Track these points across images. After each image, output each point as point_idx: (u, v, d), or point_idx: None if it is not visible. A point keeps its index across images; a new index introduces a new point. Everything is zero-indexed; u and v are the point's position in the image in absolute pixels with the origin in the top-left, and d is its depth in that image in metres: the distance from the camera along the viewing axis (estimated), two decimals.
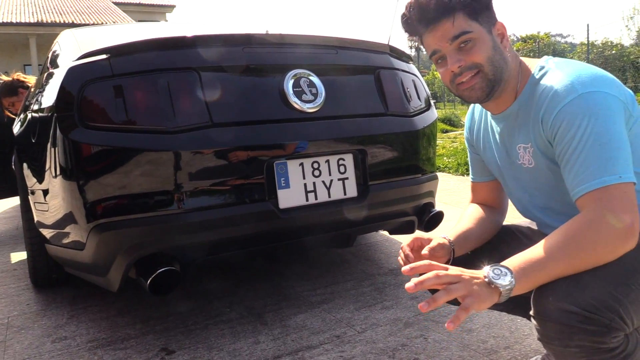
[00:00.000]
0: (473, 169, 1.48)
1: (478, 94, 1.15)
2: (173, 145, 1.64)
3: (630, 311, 0.97)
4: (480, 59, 1.12)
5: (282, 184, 1.80)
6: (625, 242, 0.98)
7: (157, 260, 1.66)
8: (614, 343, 0.97)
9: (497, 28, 1.15)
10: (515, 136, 1.20)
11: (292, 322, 1.94)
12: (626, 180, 0.99)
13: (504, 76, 1.15)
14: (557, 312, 0.97)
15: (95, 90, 1.63)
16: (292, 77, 1.86)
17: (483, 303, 0.94)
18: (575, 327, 0.95)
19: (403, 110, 2.16)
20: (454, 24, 1.11)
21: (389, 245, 2.88)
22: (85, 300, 2.27)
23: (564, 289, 0.97)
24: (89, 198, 1.63)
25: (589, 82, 1.04)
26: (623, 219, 0.97)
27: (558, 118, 1.05)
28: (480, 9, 1.12)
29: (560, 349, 1.00)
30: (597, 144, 1.00)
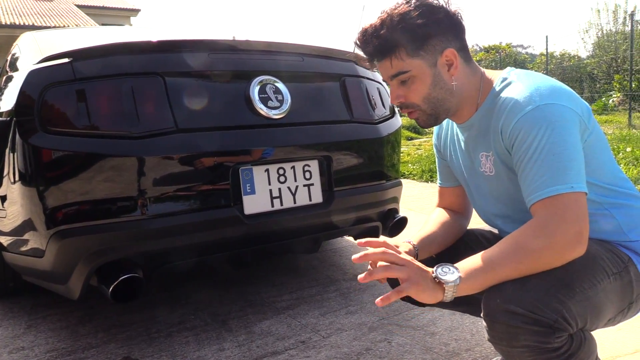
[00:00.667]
0: (440, 174, 1.51)
1: (423, 124, 1.24)
2: (137, 151, 1.62)
3: (574, 312, 1.02)
4: (417, 99, 1.18)
5: (247, 190, 1.81)
6: (573, 250, 1.02)
7: (120, 267, 1.64)
8: (558, 343, 1.01)
9: (446, 55, 1.15)
10: (478, 144, 1.24)
11: (257, 329, 1.94)
12: (578, 190, 1.02)
13: (448, 105, 1.19)
14: (503, 314, 1.01)
15: (56, 94, 1.60)
16: (258, 83, 1.87)
17: (422, 293, 1.02)
18: (521, 327, 0.99)
19: (368, 117, 2.19)
20: (392, 64, 1.15)
21: (354, 251, 2.90)
22: (45, 309, 2.21)
23: (511, 292, 1.02)
24: (49, 204, 1.60)
25: (547, 94, 1.08)
26: (571, 228, 1.01)
27: (516, 128, 1.09)
28: (421, 43, 1.13)
29: (507, 350, 1.04)
30: (551, 153, 1.04)
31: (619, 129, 9.38)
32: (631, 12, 12.31)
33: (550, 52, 17.41)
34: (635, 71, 13.07)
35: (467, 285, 1.03)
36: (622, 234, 1.18)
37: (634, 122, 10.73)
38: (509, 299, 1.01)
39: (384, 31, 1.12)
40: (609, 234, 1.18)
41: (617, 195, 1.18)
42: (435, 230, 1.40)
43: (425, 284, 1.03)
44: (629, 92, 11.78)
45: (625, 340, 1.73)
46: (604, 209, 1.16)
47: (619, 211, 1.17)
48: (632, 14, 11.89)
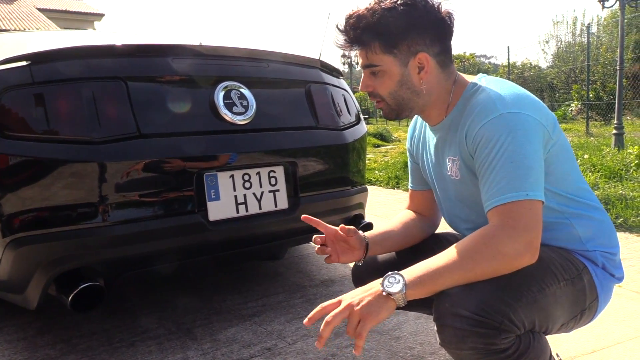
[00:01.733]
0: (412, 177, 1.54)
1: (385, 116, 1.27)
2: (97, 156, 1.59)
3: (521, 314, 1.04)
4: (383, 92, 1.22)
5: (212, 196, 1.79)
6: (521, 259, 1.05)
7: (80, 276, 1.60)
8: (505, 344, 1.03)
9: (418, 59, 1.17)
10: (447, 148, 1.26)
11: (222, 336, 1.92)
12: (533, 197, 1.05)
13: (412, 105, 1.23)
14: (450, 317, 1.03)
15: (14, 97, 1.56)
16: (222, 89, 1.86)
17: (379, 315, 1.03)
18: (467, 330, 1.01)
19: (333, 123, 2.20)
20: (366, 55, 1.19)
21: (320, 257, 2.90)
22: (0, 320, 2.13)
23: (458, 295, 1.04)
24: (5, 211, 1.55)
25: (512, 103, 1.11)
26: (522, 237, 1.03)
27: (479, 134, 1.11)
28: (395, 42, 1.15)
29: (457, 352, 1.06)
30: (509, 161, 1.06)
31: (577, 137, 9.69)
32: (588, 24, 12.77)
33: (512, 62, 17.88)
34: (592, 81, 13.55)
35: (414, 291, 1.04)
36: (580, 243, 1.21)
37: (592, 130, 11.12)
38: (456, 302, 1.03)
39: (363, 24, 1.15)
40: (567, 242, 1.21)
41: (578, 206, 1.21)
42: (394, 228, 1.44)
43: (377, 307, 1.03)
44: (586, 101, 12.19)
45: (583, 341, 1.78)
46: (564, 218, 1.20)
47: (579, 221, 1.21)
48: (589, 26, 12.34)
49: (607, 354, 1.70)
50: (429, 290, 1.06)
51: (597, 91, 13.89)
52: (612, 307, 2.06)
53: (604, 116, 13.16)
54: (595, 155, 5.95)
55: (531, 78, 17.98)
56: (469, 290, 1.04)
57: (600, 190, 4.18)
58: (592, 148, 6.86)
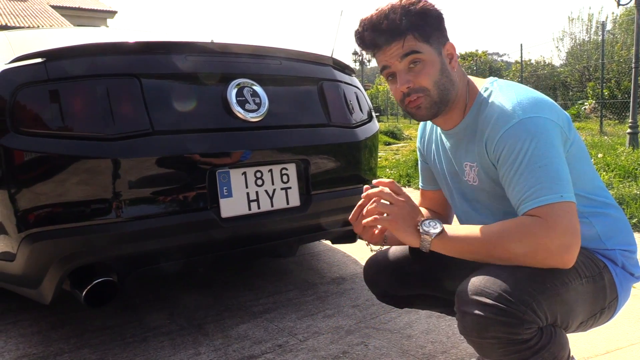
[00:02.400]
0: (422, 177, 1.53)
1: (424, 113, 1.21)
2: (112, 153, 1.60)
3: (544, 307, 1.04)
4: (427, 82, 1.17)
5: (224, 193, 1.80)
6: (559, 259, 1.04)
7: (93, 271, 1.61)
8: (528, 334, 1.03)
9: (447, 49, 1.19)
10: (463, 153, 1.26)
11: (234, 333, 1.93)
12: (567, 199, 1.05)
13: (450, 97, 1.20)
14: (474, 305, 1.03)
15: (29, 94, 1.57)
16: (235, 86, 1.87)
17: (398, 232, 1.14)
18: (491, 318, 1.02)
19: (345, 121, 2.20)
20: (403, 45, 1.15)
21: (331, 255, 2.91)
22: (15, 314, 2.16)
23: (482, 284, 1.05)
24: (21, 207, 1.57)
25: (529, 107, 1.11)
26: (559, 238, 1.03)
27: (501, 142, 1.11)
28: (431, 31, 1.16)
29: (478, 341, 1.06)
30: (537, 166, 1.06)
31: (591, 136, 9.59)
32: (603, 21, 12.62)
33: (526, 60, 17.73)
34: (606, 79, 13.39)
35: (441, 245, 1.12)
36: (600, 241, 1.21)
37: (606, 129, 10.99)
38: (480, 290, 1.04)
39: (400, 11, 1.14)
40: (587, 241, 1.20)
41: (597, 205, 1.21)
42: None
43: (405, 226, 1.13)
44: (600, 99, 12.06)
45: (596, 342, 1.76)
46: (584, 217, 1.19)
47: (598, 220, 1.20)
48: (604, 24, 12.20)
49: (620, 355, 1.68)
50: (454, 249, 1.12)
51: (611, 89, 13.74)
52: (626, 308, 2.03)
53: (619, 115, 13.01)
54: (610, 154, 5.89)
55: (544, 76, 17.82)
56: (493, 279, 1.04)
57: (615, 189, 4.14)
58: (606, 147, 6.79)
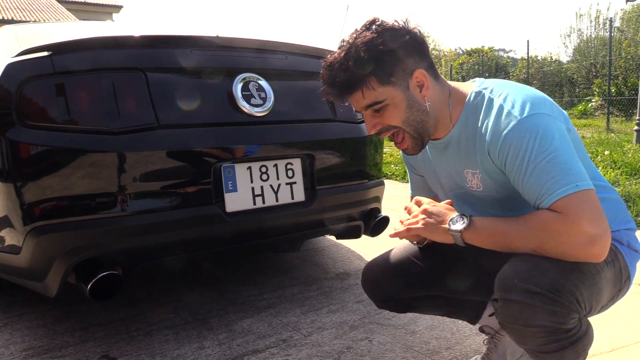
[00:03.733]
0: (412, 185, 1.53)
1: (411, 152, 1.24)
2: (117, 147, 1.60)
3: (585, 296, 1.05)
4: (396, 122, 1.17)
5: (229, 188, 1.80)
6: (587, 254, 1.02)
7: (98, 264, 1.62)
8: (571, 324, 1.04)
9: (416, 77, 1.15)
10: (463, 161, 1.24)
11: (238, 327, 1.93)
12: (583, 187, 1.03)
13: (428, 124, 1.19)
14: (522, 293, 1.02)
15: (35, 88, 1.57)
16: (240, 80, 1.86)
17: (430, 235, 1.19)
18: (539, 307, 1.01)
19: (351, 116, 2.19)
20: (363, 95, 1.13)
21: (335, 250, 2.91)
22: (21, 307, 2.17)
23: (528, 272, 1.03)
24: (26, 200, 1.57)
25: (525, 106, 1.09)
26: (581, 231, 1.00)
27: (504, 146, 1.10)
28: (392, 68, 1.12)
29: (521, 329, 1.05)
30: (545, 161, 1.05)
31: (598, 133, 9.54)
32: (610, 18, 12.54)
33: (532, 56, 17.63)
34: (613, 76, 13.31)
35: (473, 237, 1.12)
36: None
37: (612, 126, 10.94)
38: (527, 278, 1.02)
39: (351, 62, 1.10)
40: None
41: (599, 190, 1.20)
42: None
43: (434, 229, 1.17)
44: (607, 97, 11.99)
45: (602, 339, 1.76)
46: None
47: (603, 205, 1.20)
48: (611, 20, 12.11)
49: (626, 353, 1.67)
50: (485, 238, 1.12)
51: (618, 86, 13.66)
52: (632, 306, 2.03)
53: (626, 112, 12.93)
54: (616, 151, 5.86)
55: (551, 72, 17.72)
56: (538, 267, 1.03)
57: (621, 187, 4.12)
58: (613, 144, 6.75)
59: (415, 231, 1.19)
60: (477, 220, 1.13)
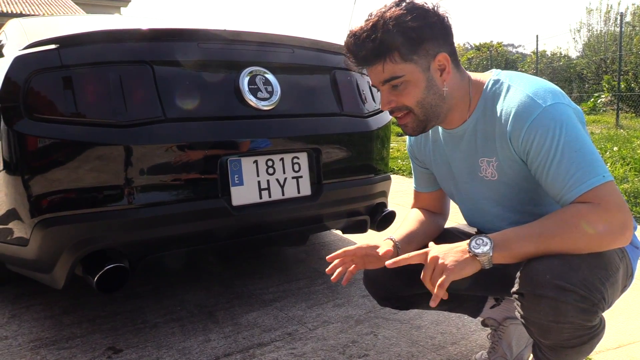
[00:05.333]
0: (417, 179, 1.51)
1: (410, 132, 1.22)
2: (124, 140, 1.61)
3: (609, 293, 1.06)
4: (410, 102, 1.16)
5: (235, 181, 1.80)
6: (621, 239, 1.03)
7: (105, 257, 1.63)
8: (596, 321, 1.04)
9: (438, 60, 1.14)
10: (479, 150, 1.23)
11: (243, 320, 1.94)
12: (609, 179, 1.04)
13: (440, 111, 1.18)
14: (554, 290, 1.01)
15: (42, 80, 1.58)
16: (247, 74, 1.86)
17: (462, 271, 1.06)
18: (571, 304, 1.00)
19: (358, 111, 2.19)
20: (384, 68, 1.13)
21: (341, 245, 2.90)
22: (29, 298, 2.19)
23: (559, 268, 1.02)
24: (34, 192, 1.58)
25: (547, 95, 1.09)
26: (616, 217, 1.02)
27: (529, 134, 1.09)
28: (416, 46, 1.11)
29: (550, 325, 1.03)
30: (572, 150, 1.05)
31: (607, 129, 9.47)
32: (621, 13, 12.41)
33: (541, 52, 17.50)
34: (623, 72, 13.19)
35: (501, 255, 1.06)
36: None
37: (622, 122, 10.85)
38: (559, 275, 1.02)
39: (378, 34, 1.09)
40: None
41: None
42: (415, 228, 1.40)
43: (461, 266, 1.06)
44: (617, 92, 11.89)
45: (608, 336, 1.75)
46: None
47: None
48: (622, 15, 11.99)
49: (633, 350, 1.66)
50: (514, 254, 1.06)
51: (628, 82, 13.53)
52: (638, 302, 2.02)
53: (635, 108, 12.82)
54: (625, 147, 5.81)
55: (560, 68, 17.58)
56: (567, 264, 1.02)
57: (630, 183, 4.08)
58: (622, 140, 6.70)
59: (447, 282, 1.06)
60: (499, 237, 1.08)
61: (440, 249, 1.10)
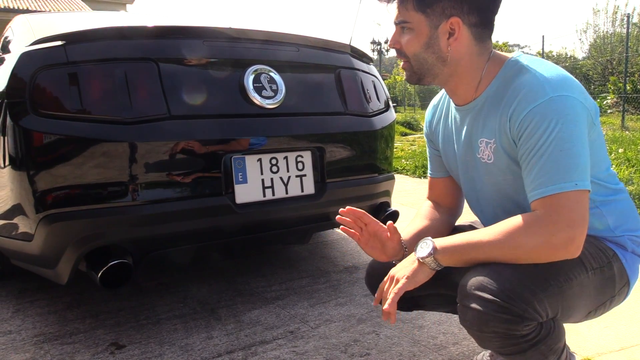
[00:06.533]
0: (431, 164, 1.49)
1: (407, 79, 1.25)
2: (129, 136, 1.61)
3: (546, 303, 1.04)
4: (408, 51, 1.18)
5: (239, 179, 1.80)
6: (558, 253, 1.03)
7: (109, 253, 1.63)
8: (526, 330, 1.04)
9: (450, 23, 1.12)
10: (480, 129, 1.20)
11: (246, 318, 1.94)
12: (582, 187, 1.02)
13: (436, 72, 1.18)
14: (475, 300, 1.04)
15: (48, 77, 1.59)
16: (252, 72, 1.87)
17: (414, 278, 1.15)
18: (491, 314, 1.02)
19: (362, 110, 2.19)
20: (399, 10, 1.16)
21: (344, 244, 2.91)
22: (33, 294, 2.20)
23: (486, 280, 1.04)
24: (39, 188, 1.59)
25: (560, 85, 1.06)
26: (564, 231, 1.01)
27: (526, 119, 1.06)
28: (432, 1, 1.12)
29: (478, 334, 1.07)
30: (558, 149, 1.02)
31: (612, 131, 9.43)
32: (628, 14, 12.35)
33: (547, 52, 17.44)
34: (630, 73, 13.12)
35: (445, 257, 1.12)
36: (609, 230, 1.19)
37: (627, 124, 10.80)
38: (483, 286, 1.04)
39: None
40: (597, 231, 1.19)
41: (607, 192, 1.19)
42: (423, 226, 1.39)
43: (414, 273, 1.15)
44: (623, 94, 11.83)
45: (610, 338, 1.75)
46: (595, 206, 1.17)
47: (608, 208, 1.18)
48: (629, 16, 11.94)
49: (635, 353, 1.66)
50: (458, 258, 1.12)
51: (634, 83, 13.47)
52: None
53: None
54: (631, 149, 5.79)
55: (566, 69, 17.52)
56: (496, 275, 1.04)
57: (635, 185, 4.07)
58: (628, 142, 6.67)
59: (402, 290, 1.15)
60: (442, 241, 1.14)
61: (399, 266, 1.19)
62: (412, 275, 1.14)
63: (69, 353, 1.68)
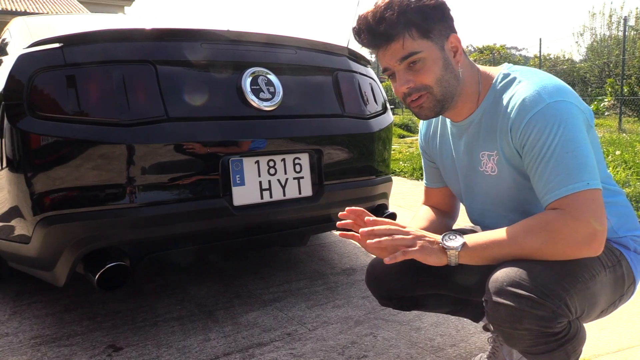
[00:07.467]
0: (427, 175, 1.51)
1: (427, 113, 1.20)
2: (126, 139, 1.61)
3: (575, 300, 1.05)
4: (429, 80, 1.14)
5: (237, 181, 1.80)
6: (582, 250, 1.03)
7: (106, 255, 1.63)
8: (558, 328, 1.03)
9: (451, 41, 1.15)
10: (480, 143, 1.22)
11: (243, 320, 1.94)
12: (593, 186, 1.03)
13: (455, 92, 1.18)
14: (509, 296, 1.02)
15: (46, 79, 1.59)
16: (250, 74, 1.87)
17: (428, 256, 1.11)
18: (526, 311, 1.01)
19: (359, 112, 2.19)
20: (403, 45, 1.12)
21: (342, 246, 2.91)
22: (30, 296, 2.20)
23: (517, 275, 1.03)
24: (36, 190, 1.59)
25: (555, 91, 1.08)
26: (586, 227, 1.02)
27: (528, 127, 1.08)
28: (431, 25, 1.12)
29: (509, 332, 1.05)
30: (564, 151, 1.04)
31: (609, 133, 9.45)
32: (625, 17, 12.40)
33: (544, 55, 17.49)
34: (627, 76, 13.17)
35: (468, 254, 1.09)
36: (613, 232, 1.20)
37: (624, 127, 10.83)
38: (516, 282, 1.03)
39: (396, 9, 1.10)
40: None
41: (609, 194, 1.20)
42: (424, 227, 1.39)
43: (430, 250, 1.11)
44: (620, 96, 11.87)
45: (608, 339, 1.75)
46: None
47: (610, 210, 1.19)
48: (626, 19, 11.98)
49: (632, 353, 1.66)
50: (482, 255, 1.09)
51: (631, 86, 13.50)
52: (639, 306, 2.02)
53: (638, 112, 12.79)
54: (628, 152, 5.81)
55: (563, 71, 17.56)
56: (527, 271, 1.03)
57: (632, 187, 4.08)
58: (625, 144, 6.69)
59: (412, 254, 1.11)
60: (470, 238, 1.11)
61: (421, 232, 1.15)
62: (428, 254, 1.10)
63: (66, 355, 1.68)
